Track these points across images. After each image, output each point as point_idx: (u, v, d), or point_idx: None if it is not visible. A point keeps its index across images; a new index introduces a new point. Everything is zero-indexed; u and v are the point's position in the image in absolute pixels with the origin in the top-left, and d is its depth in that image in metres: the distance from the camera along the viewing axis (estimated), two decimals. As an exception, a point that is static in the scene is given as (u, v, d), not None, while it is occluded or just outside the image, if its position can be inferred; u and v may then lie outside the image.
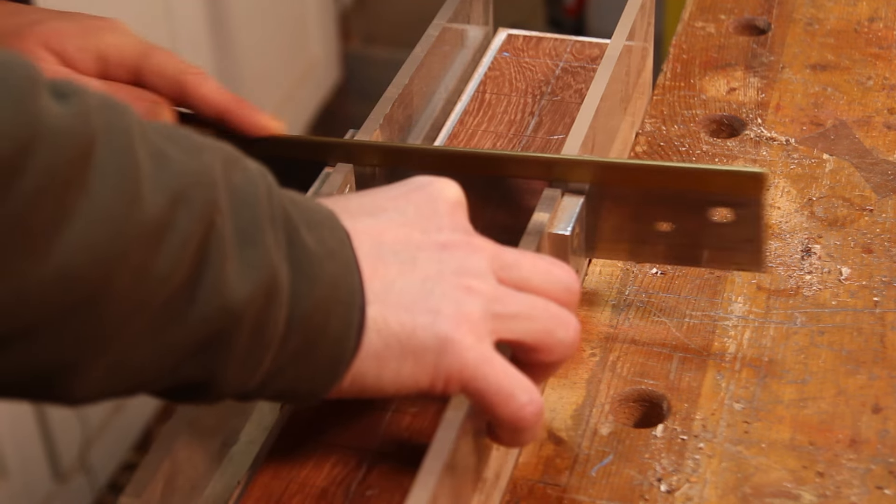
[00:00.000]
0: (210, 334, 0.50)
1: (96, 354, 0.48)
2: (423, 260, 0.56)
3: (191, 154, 0.50)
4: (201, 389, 0.53)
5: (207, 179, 0.50)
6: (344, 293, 0.54)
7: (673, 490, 0.60)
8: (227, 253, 0.50)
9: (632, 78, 0.82)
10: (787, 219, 0.76)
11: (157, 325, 0.49)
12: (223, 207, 0.50)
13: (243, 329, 0.51)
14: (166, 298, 0.49)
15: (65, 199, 0.45)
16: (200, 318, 0.50)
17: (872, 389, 0.65)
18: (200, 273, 0.49)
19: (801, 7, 0.94)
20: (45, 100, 0.45)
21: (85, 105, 0.46)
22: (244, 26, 2.06)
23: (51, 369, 0.48)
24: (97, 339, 0.48)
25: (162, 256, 0.48)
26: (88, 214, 0.45)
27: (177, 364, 0.51)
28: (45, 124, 0.44)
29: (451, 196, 0.59)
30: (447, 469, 0.52)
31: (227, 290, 0.50)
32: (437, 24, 0.82)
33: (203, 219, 0.49)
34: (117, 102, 0.49)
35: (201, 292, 0.49)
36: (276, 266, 0.51)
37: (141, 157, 0.48)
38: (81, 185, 0.45)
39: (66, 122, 0.45)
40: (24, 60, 0.45)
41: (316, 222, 0.54)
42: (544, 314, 0.57)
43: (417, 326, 0.54)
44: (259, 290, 0.51)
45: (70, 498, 1.70)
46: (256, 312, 0.51)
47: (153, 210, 0.47)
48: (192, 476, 0.60)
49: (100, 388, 0.50)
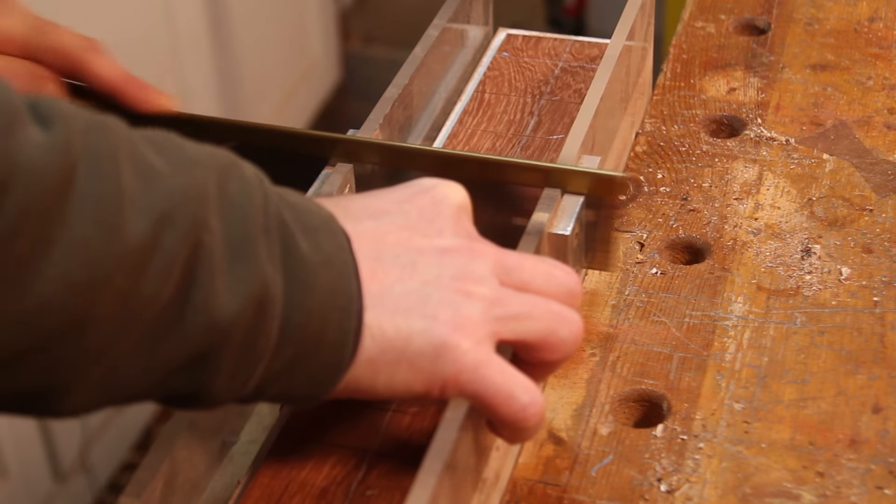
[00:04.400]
0: (199, 351, 0.50)
1: (84, 374, 0.48)
2: (423, 264, 0.56)
3: (181, 169, 0.50)
4: (192, 400, 0.53)
5: (196, 196, 0.49)
6: (341, 299, 0.53)
7: (673, 490, 0.60)
8: (215, 270, 0.50)
9: (632, 78, 0.82)
10: (787, 219, 0.76)
11: (145, 343, 0.49)
12: (213, 224, 0.50)
13: (232, 343, 0.51)
14: (153, 318, 0.49)
15: (43, 231, 0.45)
16: (188, 336, 0.50)
17: (872, 389, 0.65)
18: (187, 292, 0.49)
19: (801, 7, 0.94)
20: (25, 131, 0.44)
21: (67, 131, 0.46)
22: (244, 26, 2.06)
23: (39, 390, 0.48)
24: (83, 360, 0.48)
25: (147, 279, 0.48)
26: (67, 246, 0.45)
27: (166, 379, 0.51)
28: (23, 160, 0.44)
29: (456, 200, 0.59)
30: (447, 469, 0.52)
31: (215, 307, 0.50)
32: (437, 24, 0.82)
33: (189, 238, 0.49)
34: (104, 121, 0.48)
35: (189, 311, 0.49)
36: (268, 278, 0.51)
37: (125, 179, 0.47)
38: (60, 218, 0.45)
39: (45, 153, 0.44)
40: (3, 91, 0.45)
41: (313, 227, 0.54)
42: (546, 313, 0.57)
43: (413, 332, 0.54)
44: (249, 304, 0.51)
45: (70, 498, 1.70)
46: (246, 326, 0.51)
47: (136, 235, 0.47)
48: (192, 476, 0.60)
49: (89, 404, 0.50)
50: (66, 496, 1.69)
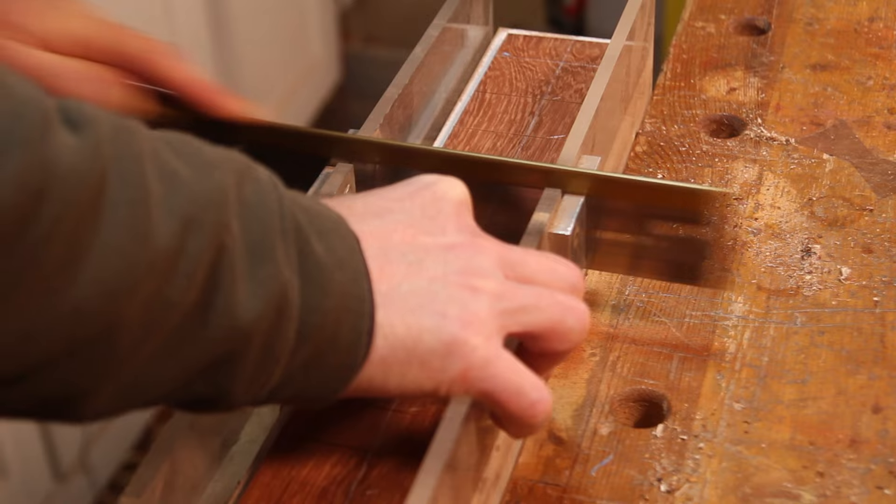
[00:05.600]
0: (221, 354, 0.50)
1: (109, 379, 0.48)
2: (429, 261, 0.56)
3: (202, 172, 0.50)
4: (212, 403, 0.53)
5: (219, 199, 0.49)
6: (354, 301, 0.54)
7: (673, 490, 0.60)
8: (237, 273, 0.50)
9: (632, 78, 0.82)
10: (787, 219, 0.76)
11: (168, 348, 0.49)
12: (234, 227, 0.50)
13: (253, 346, 0.51)
14: (178, 322, 0.49)
15: (77, 239, 0.44)
16: (211, 340, 0.50)
17: (872, 389, 0.65)
18: (211, 296, 0.49)
19: (801, 7, 0.94)
20: (58, 136, 0.44)
21: (97, 135, 0.46)
22: (244, 26, 2.06)
23: (64, 396, 0.48)
24: (108, 366, 0.48)
25: (173, 284, 0.48)
26: (100, 252, 0.45)
27: (188, 383, 0.51)
28: (58, 167, 0.43)
29: (456, 196, 0.59)
30: (447, 469, 0.52)
31: (237, 310, 0.50)
32: (437, 24, 0.82)
33: (213, 242, 0.49)
34: (128, 124, 0.48)
35: (212, 315, 0.49)
36: (286, 281, 0.51)
37: (151, 183, 0.47)
38: (94, 224, 0.45)
39: (78, 159, 0.44)
40: (36, 94, 0.44)
41: (326, 230, 0.54)
42: (552, 303, 0.57)
43: (424, 330, 0.54)
44: (269, 307, 0.51)
45: (70, 498, 1.70)
46: (266, 329, 0.51)
47: (164, 239, 0.47)
48: (192, 476, 0.60)
49: (110, 409, 0.50)
50: (66, 496, 1.69)
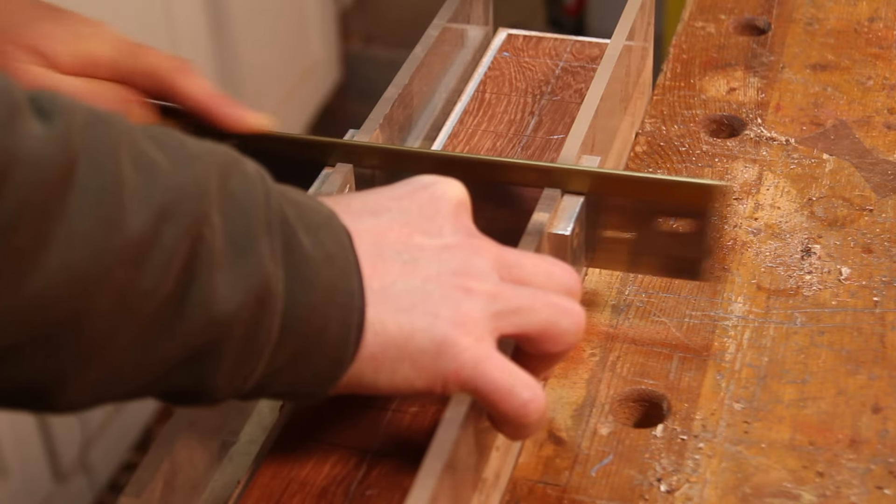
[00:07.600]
0: (199, 346, 0.50)
1: (82, 368, 0.48)
2: (424, 261, 0.56)
3: (182, 164, 0.50)
4: (194, 396, 0.53)
5: (197, 191, 0.49)
6: (343, 296, 0.54)
7: (673, 490, 0.60)
8: (215, 265, 0.50)
9: (632, 78, 0.82)
10: (787, 219, 0.76)
11: (144, 338, 0.49)
12: (214, 219, 0.50)
13: (233, 339, 0.51)
14: (152, 313, 0.49)
15: (42, 224, 0.45)
16: (188, 331, 0.50)
17: (872, 389, 0.65)
18: (187, 287, 0.49)
19: (801, 7, 0.94)
20: (26, 124, 0.44)
21: (68, 124, 0.46)
22: (244, 26, 2.06)
23: (37, 384, 0.48)
24: (82, 354, 0.48)
25: (146, 273, 0.48)
26: (67, 238, 0.45)
27: (166, 374, 0.51)
28: (23, 152, 0.44)
29: (455, 196, 0.59)
30: (447, 469, 0.52)
31: (215, 302, 0.50)
32: (437, 24, 0.82)
33: (189, 233, 0.49)
34: (105, 115, 0.48)
35: (188, 306, 0.49)
36: (269, 274, 0.51)
37: (126, 173, 0.47)
38: (60, 210, 0.45)
39: (45, 146, 0.45)
40: (5, 85, 0.45)
41: (315, 224, 0.54)
42: (547, 305, 0.57)
43: (416, 329, 0.54)
44: (250, 299, 0.51)
45: (70, 498, 1.70)
46: (247, 322, 0.51)
47: (136, 228, 0.47)
48: (192, 476, 0.60)
49: (89, 399, 0.50)
50: (66, 496, 1.69)
